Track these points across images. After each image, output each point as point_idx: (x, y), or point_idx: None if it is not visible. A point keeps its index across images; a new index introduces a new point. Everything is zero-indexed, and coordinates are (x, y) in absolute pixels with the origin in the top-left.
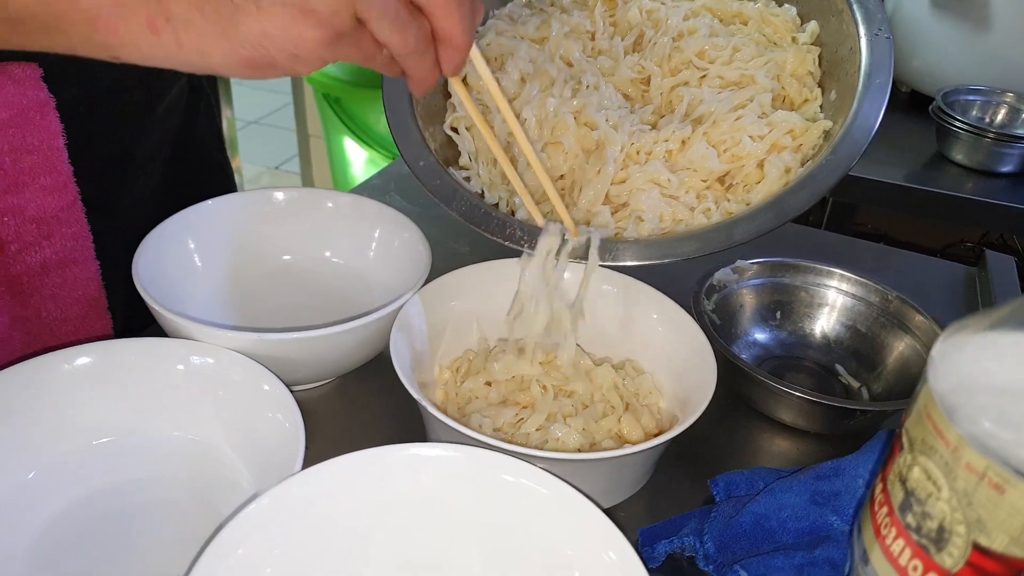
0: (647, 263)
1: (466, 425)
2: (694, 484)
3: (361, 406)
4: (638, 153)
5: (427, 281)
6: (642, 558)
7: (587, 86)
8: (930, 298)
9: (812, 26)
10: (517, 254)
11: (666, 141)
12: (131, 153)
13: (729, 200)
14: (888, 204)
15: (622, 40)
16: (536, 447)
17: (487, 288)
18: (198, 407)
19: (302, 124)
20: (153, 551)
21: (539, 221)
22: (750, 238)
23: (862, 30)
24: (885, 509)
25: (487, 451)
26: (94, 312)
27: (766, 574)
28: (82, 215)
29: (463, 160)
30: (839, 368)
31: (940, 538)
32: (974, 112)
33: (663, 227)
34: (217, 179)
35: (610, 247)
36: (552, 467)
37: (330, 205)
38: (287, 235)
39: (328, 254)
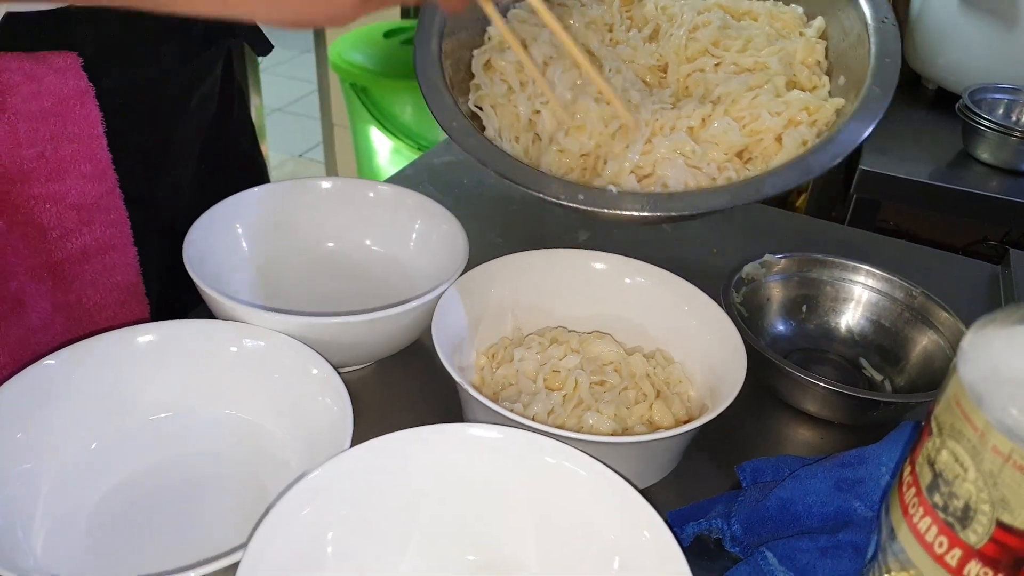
0: (678, 214)
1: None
2: (721, 470)
3: (398, 390)
4: (661, 128)
5: (464, 271)
6: None
7: (609, 70)
8: (953, 295)
9: (819, 21)
10: (550, 244)
11: (688, 118)
12: (167, 143)
13: (749, 171)
14: (912, 201)
15: (639, 32)
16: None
17: (522, 277)
18: (250, 387)
19: (327, 113)
20: (203, 521)
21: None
22: (778, 192)
23: (869, 18)
24: (913, 490)
25: (530, 433)
26: (133, 298)
27: (791, 556)
28: (120, 202)
29: (489, 134)
30: (863, 361)
31: (966, 516)
32: (1000, 111)
33: None
34: (250, 171)
35: (641, 199)
36: (587, 449)
37: (371, 195)
38: (331, 223)
39: (368, 242)
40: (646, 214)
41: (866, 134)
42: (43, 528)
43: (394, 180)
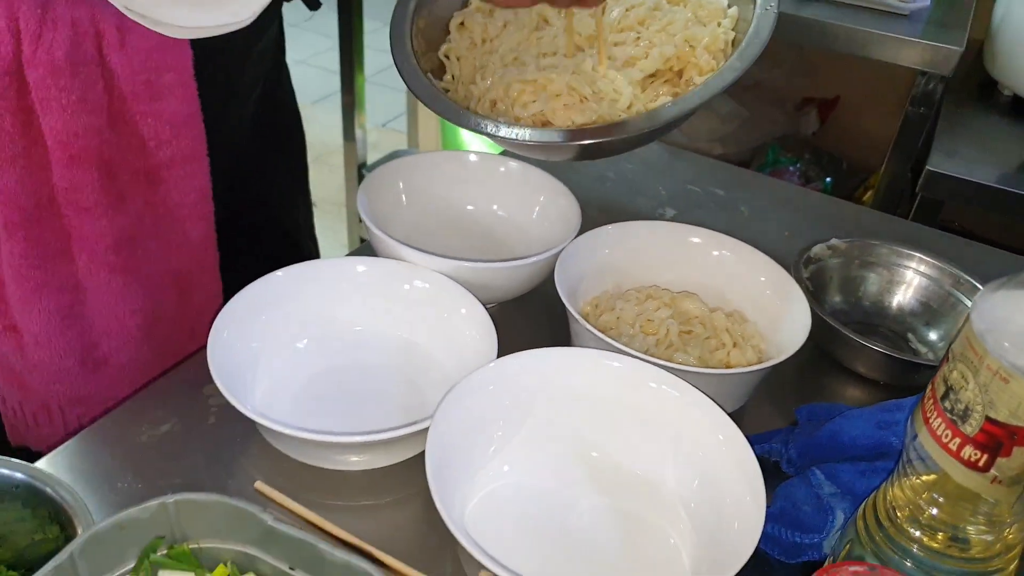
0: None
1: None
2: (781, 415)
3: (518, 326)
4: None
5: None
6: None
7: (555, 36)
8: None
9: (733, 11)
10: (640, 219)
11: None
12: (235, 80)
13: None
14: (977, 203)
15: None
16: None
17: (626, 243)
18: (417, 315)
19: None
20: (374, 408)
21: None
22: (633, 134)
23: (758, 5)
24: (931, 401)
25: (637, 361)
26: (203, 200)
27: (836, 474)
28: (201, 122)
29: (446, 78)
30: (910, 336)
31: (966, 414)
32: None
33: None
34: (292, 125)
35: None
36: (679, 377)
37: (502, 170)
38: (471, 190)
39: (495, 207)
40: (553, 140)
41: (707, 96)
42: (261, 387)
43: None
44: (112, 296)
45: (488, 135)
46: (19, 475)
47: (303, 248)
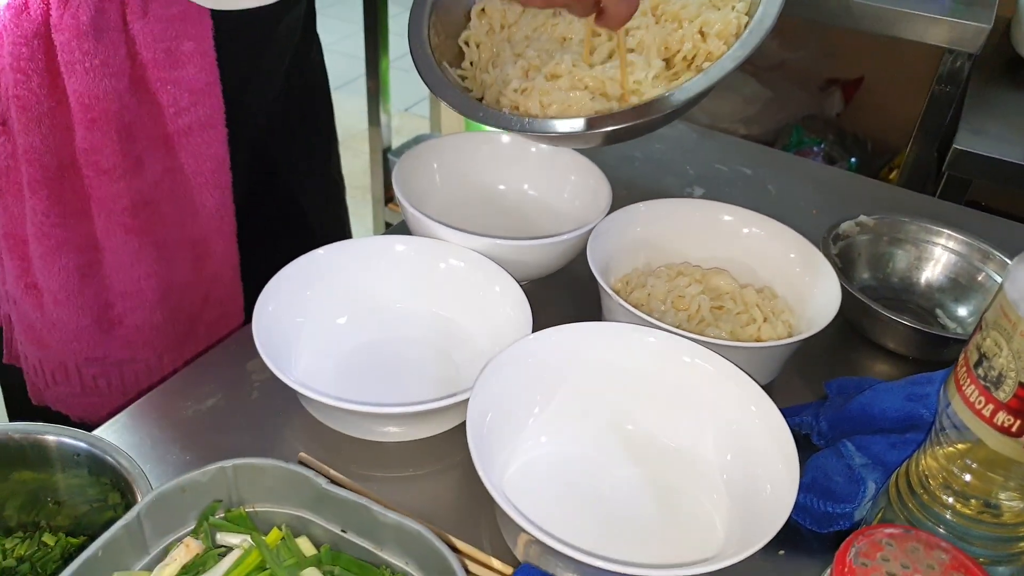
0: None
1: None
2: (810, 389)
3: (551, 303)
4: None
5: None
6: None
7: (570, 22)
8: None
9: None
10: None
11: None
12: (258, 55)
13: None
14: (1004, 181)
15: None
16: None
17: (658, 221)
18: (453, 292)
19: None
20: (411, 380)
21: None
22: (650, 118)
23: None
24: (964, 368)
25: (670, 335)
26: (220, 168)
27: (867, 446)
28: (219, 91)
29: (464, 65)
30: (939, 312)
31: (999, 381)
32: None
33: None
34: (320, 103)
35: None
36: (712, 350)
37: (533, 151)
38: (502, 170)
39: (526, 187)
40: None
41: (707, 84)
42: (303, 358)
43: None
44: (128, 257)
45: (499, 127)
46: (82, 444)
47: (328, 227)
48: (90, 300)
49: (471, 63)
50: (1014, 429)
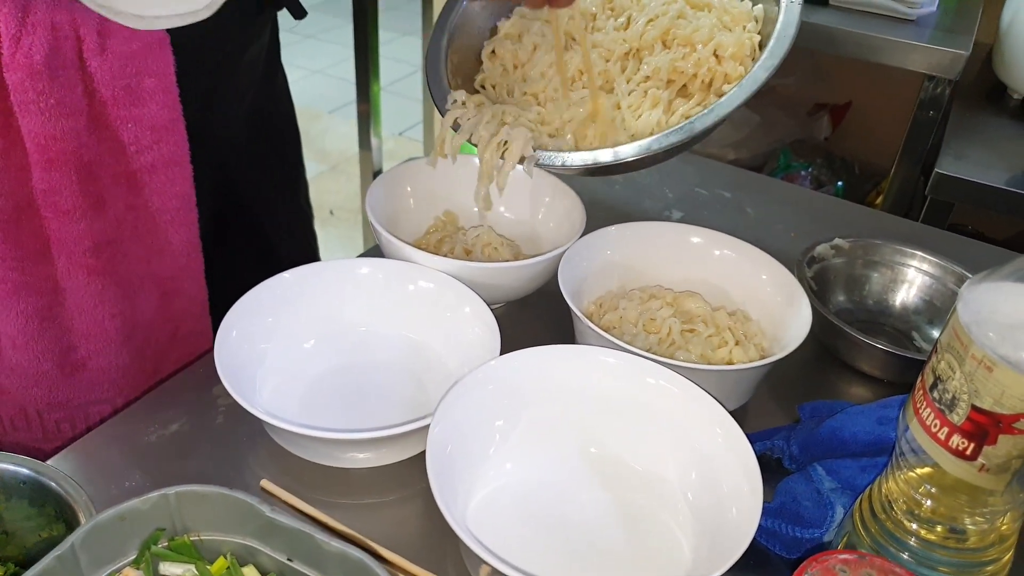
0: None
1: None
2: (784, 411)
3: (524, 326)
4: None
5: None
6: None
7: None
8: None
9: (759, 10)
10: (650, 219)
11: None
12: (221, 88)
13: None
14: (986, 205)
15: (615, 20)
16: None
17: (630, 243)
18: (421, 314)
19: (428, 94)
20: (379, 404)
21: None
22: (665, 148)
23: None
24: (920, 392)
25: (636, 358)
26: (186, 206)
27: (837, 470)
28: (183, 128)
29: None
30: (915, 334)
31: (953, 404)
32: None
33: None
34: (287, 131)
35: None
36: (680, 374)
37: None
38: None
39: (502, 209)
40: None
41: (740, 101)
42: (268, 386)
43: None
44: (91, 299)
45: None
46: (25, 471)
47: (296, 255)
48: (51, 344)
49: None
50: (968, 452)
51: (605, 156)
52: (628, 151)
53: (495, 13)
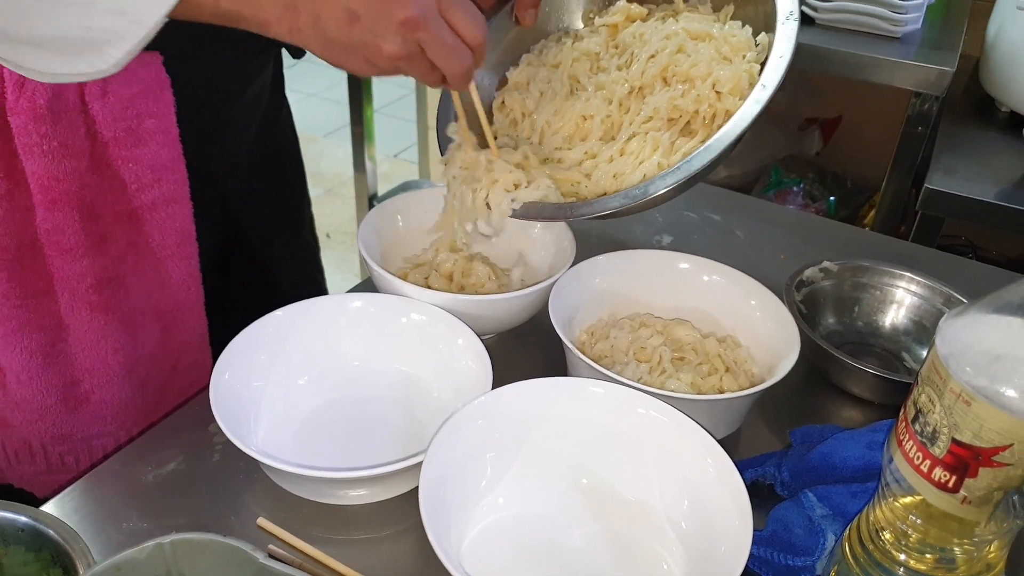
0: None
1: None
2: (776, 436)
3: (517, 356)
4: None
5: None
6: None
7: (586, 100)
8: None
9: (762, 37)
10: (638, 247)
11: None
12: (222, 126)
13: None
14: (976, 219)
15: (618, 59)
16: None
17: (619, 272)
18: (414, 348)
19: (423, 115)
20: (375, 439)
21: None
22: (666, 189)
23: (778, 15)
24: (903, 424)
25: (626, 389)
26: (186, 241)
27: (828, 496)
28: (183, 166)
29: None
30: (905, 355)
31: (934, 437)
32: None
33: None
34: (291, 165)
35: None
36: (669, 404)
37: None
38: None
39: (494, 240)
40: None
41: (739, 132)
42: (264, 424)
43: None
44: (94, 335)
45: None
46: (23, 518)
47: (302, 286)
48: (55, 379)
49: None
50: (950, 485)
51: (589, 208)
52: (613, 202)
53: (501, 64)
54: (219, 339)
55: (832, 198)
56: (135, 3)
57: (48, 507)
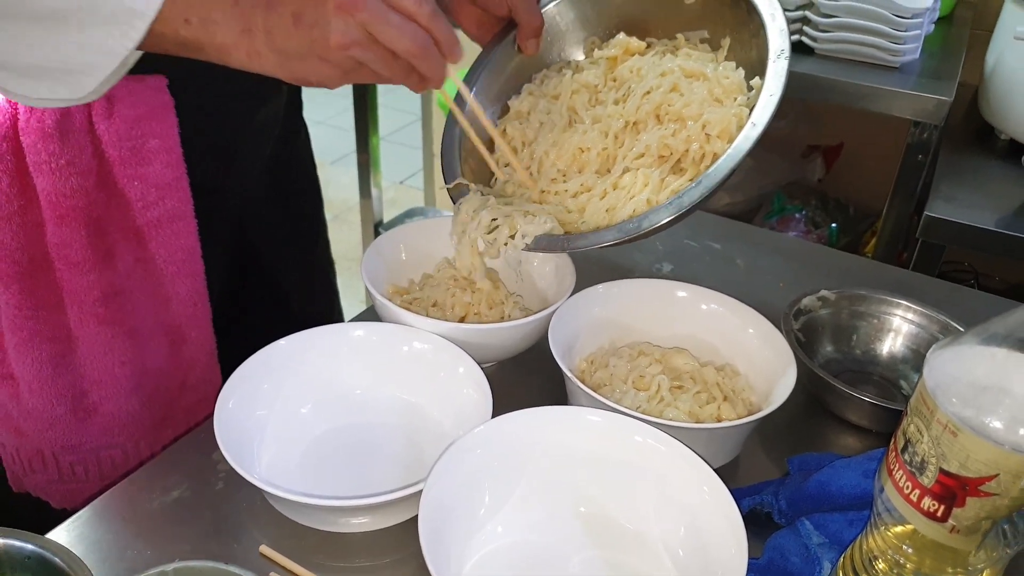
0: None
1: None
2: (774, 464)
3: (516, 385)
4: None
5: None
6: None
7: (583, 132)
8: None
9: (756, 82)
10: (638, 275)
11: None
12: (233, 148)
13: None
14: (976, 246)
15: (615, 92)
16: None
17: (618, 301)
18: (416, 376)
19: (428, 143)
20: (377, 467)
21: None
22: (655, 226)
23: (770, 53)
24: (893, 454)
25: (624, 417)
26: (191, 258)
27: (824, 524)
28: (187, 185)
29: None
30: (902, 383)
31: (923, 467)
32: None
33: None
34: (308, 187)
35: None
36: (667, 433)
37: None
38: None
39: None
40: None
41: (730, 168)
42: (267, 453)
43: None
44: (101, 347)
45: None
46: (29, 546)
47: (316, 309)
48: (64, 389)
49: (500, 182)
50: (939, 514)
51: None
52: (608, 236)
53: (504, 93)
54: (233, 359)
55: (834, 225)
56: (103, 37)
57: (54, 534)
